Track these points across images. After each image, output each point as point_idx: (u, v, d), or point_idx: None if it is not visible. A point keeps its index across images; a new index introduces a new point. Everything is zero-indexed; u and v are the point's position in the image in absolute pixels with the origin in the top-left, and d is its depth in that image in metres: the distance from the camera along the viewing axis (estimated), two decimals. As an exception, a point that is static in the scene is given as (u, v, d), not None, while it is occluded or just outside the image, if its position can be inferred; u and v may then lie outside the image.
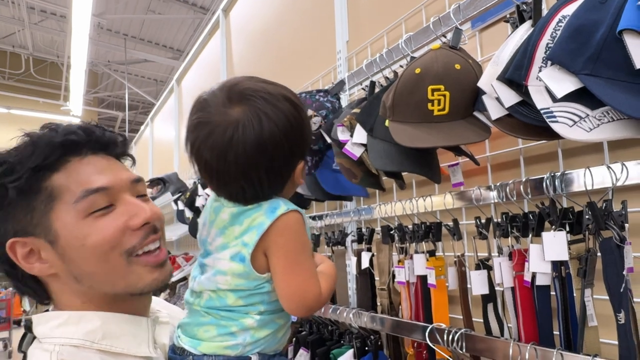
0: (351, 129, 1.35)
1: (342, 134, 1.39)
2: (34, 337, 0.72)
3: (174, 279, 3.50)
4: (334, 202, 1.99)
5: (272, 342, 0.82)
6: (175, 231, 3.71)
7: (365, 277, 1.60)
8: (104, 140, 0.78)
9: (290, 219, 0.77)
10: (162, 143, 5.82)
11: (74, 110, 10.30)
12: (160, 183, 3.84)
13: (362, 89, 1.58)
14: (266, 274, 0.78)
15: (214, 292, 0.80)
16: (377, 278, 1.59)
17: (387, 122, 1.13)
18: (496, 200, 1.14)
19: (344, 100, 1.85)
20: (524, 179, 1.06)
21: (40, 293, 0.76)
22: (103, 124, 0.86)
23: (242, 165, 0.74)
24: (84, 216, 0.71)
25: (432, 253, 1.32)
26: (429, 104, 1.03)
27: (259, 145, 0.73)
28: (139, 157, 7.17)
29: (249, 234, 0.76)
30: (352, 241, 1.71)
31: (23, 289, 0.76)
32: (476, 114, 1.03)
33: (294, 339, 1.70)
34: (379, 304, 1.55)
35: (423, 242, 1.34)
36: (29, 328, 0.73)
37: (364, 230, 1.64)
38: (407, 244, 1.41)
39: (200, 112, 0.80)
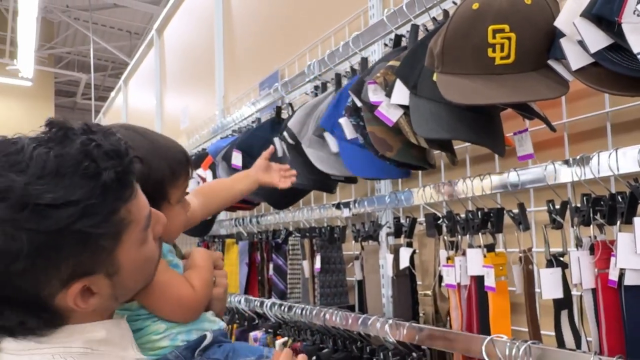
0: (386, 87, 1.39)
1: (374, 94, 1.42)
2: None
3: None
4: (364, 185, 2.02)
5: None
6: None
7: (405, 279, 1.64)
8: None
9: None
10: (139, 113, 5.91)
11: (23, 71, 10.34)
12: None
13: (398, 35, 1.60)
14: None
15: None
16: (419, 281, 1.64)
17: (434, 76, 1.16)
18: (575, 179, 1.17)
19: (378, 52, 1.88)
20: (611, 151, 1.09)
21: (50, 323, 0.84)
22: (62, 89, 0.93)
23: None
24: (143, 244, 0.89)
25: (490, 248, 1.36)
26: (490, 50, 1.06)
27: None
28: (109, 131, 7.26)
29: None
30: (388, 234, 1.75)
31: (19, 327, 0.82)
32: (551, 63, 1.06)
33: (314, 357, 1.75)
34: (421, 313, 1.60)
35: (479, 234, 1.37)
36: None
37: (402, 220, 1.68)
38: (459, 237, 1.44)
39: None
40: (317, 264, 1.96)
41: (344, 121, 1.61)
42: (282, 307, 2.01)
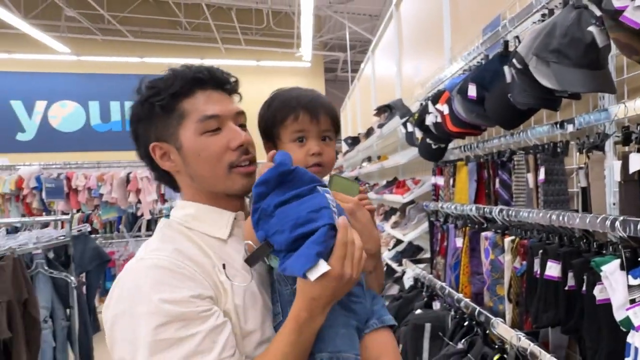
0: None
1: (618, 0, 1.21)
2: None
3: (404, 201, 3.64)
4: (586, 101, 1.76)
5: None
6: (404, 155, 3.95)
7: (633, 184, 1.40)
8: (222, 80, 1.09)
9: None
10: (383, 77, 6.02)
11: (304, 56, 11.52)
12: (387, 110, 4.08)
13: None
14: None
15: None
16: (647, 185, 1.38)
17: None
18: None
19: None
20: None
21: (171, 184, 1.13)
22: (327, 67, 1.04)
23: None
24: (200, 134, 1.03)
25: None
26: None
27: None
28: (362, 94, 7.54)
29: None
30: (615, 143, 1.50)
31: (162, 179, 1.13)
32: None
33: (541, 250, 1.61)
34: (649, 214, 1.35)
35: None
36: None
37: (632, 128, 1.42)
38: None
39: None
40: (541, 175, 1.78)
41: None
42: (509, 212, 1.86)
